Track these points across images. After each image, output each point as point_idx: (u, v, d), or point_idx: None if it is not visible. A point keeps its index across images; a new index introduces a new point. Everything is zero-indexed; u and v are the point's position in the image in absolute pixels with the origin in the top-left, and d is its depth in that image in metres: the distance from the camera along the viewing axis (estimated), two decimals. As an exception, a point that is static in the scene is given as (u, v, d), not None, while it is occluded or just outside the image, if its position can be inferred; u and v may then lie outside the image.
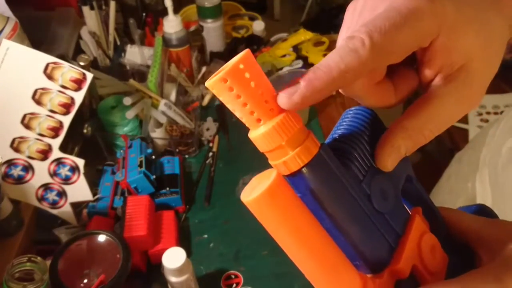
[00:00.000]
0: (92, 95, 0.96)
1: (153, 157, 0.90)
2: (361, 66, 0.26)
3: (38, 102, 0.79)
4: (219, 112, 1.10)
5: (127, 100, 0.94)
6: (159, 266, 0.73)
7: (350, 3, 0.31)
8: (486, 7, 0.30)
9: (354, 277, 0.28)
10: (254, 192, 0.25)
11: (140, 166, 0.85)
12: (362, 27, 0.26)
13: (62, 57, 0.82)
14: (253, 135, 0.27)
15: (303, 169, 0.27)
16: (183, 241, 0.85)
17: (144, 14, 1.21)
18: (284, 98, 0.26)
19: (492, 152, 0.85)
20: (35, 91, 0.79)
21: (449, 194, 1.01)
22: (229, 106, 0.26)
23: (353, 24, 0.30)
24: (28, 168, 0.81)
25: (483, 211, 0.36)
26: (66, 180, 0.83)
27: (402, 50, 0.27)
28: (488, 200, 0.82)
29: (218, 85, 0.25)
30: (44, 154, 0.81)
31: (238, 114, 0.26)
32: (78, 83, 0.80)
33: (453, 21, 0.28)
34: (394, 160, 0.29)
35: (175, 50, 1.08)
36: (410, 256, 0.30)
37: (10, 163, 0.81)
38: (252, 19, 1.31)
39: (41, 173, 0.82)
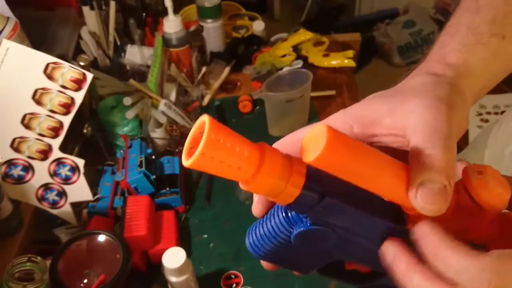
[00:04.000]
0: (92, 95, 0.96)
1: (153, 157, 0.90)
2: None
3: (38, 102, 0.79)
4: (219, 112, 1.10)
5: (127, 100, 0.94)
6: (159, 266, 0.73)
7: None
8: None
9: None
10: (317, 145, 0.27)
11: (140, 166, 0.85)
12: None
13: (62, 57, 0.82)
14: (246, 187, 0.28)
15: (303, 191, 0.29)
16: (183, 241, 0.85)
17: (144, 14, 1.21)
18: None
19: (495, 155, 0.85)
20: (35, 91, 0.79)
21: None
22: (215, 172, 0.27)
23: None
24: (28, 168, 0.81)
25: None
26: (66, 180, 0.83)
27: None
28: None
29: (199, 160, 0.26)
30: (44, 154, 0.82)
31: (226, 175, 0.28)
32: (78, 83, 0.80)
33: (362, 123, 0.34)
34: (435, 197, 0.29)
35: (175, 50, 1.08)
36: None
37: (10, 163, 0.81)
38: (252, 19, 1.31)
39: (41, 173, 0.82)
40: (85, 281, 0.70)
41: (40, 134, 0.81)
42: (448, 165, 0.29)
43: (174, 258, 0.70)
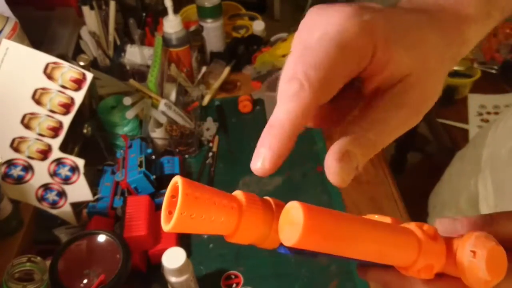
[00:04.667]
0: (92, 95, 0.96)
1: (153, 157, 0.90)
2: (308, 107, 0.26)
3: (38, 102, 0.79)
4: (219, 112, 1.10)
5: (127, 100, 0.94)
6: (159, 266, 0.73)
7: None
8: (421, 25, 0.30)
9: (412, 239, 0.31)
10: (294, 229, 0.26)
11: (140, 166, 0.85)
12: (299, 66, 0.26)
13: (62, 57, 0.82)
14: (233, 238, 0.28)
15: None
16: (183, 241, 0.85)
17: (144, 14, 1.21)
18: (259, 170, 0.27)
19: (493, 153, 0.85)
20: (35, 91, 0.79)
21: (451, 192, 1.02)
22: (200, 230, 0.27)
23: (296, 52, 0.29)
24: (28, 168, 0.81)
25: None
26: (66, 180, 0.83)
27: (342, 79, 0.27)
28: (490, 201, 0.82)
29: (180, 221, 0.25)
30: (44, 154, 0.81)
31: (210, 231, 0.27)
32: (78, 83, 0.80)
33: (385, 37, 0.28)
34: (347, 171, 0.27)
35: (175, 50, 1.08)
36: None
37: (10, 163, 0.81)
38: (252, 19, 1.31)
39: (41, 173, 0.82)
40: (85, 281, 0.70)
41: (40, 134, 0.81)
42: (370, 155, 0.29)
43: (174, 258, 0.70)
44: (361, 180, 0.95)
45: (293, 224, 0.26)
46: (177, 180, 0.26)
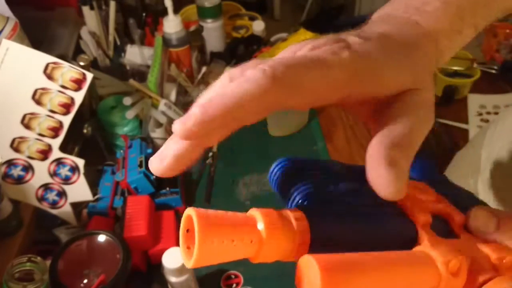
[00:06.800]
0: (92, 95, 0.96)
1: (153, 157, 0.90)
2: (260, 96, 0.24)
3: (38, 102, 0.79)
4: (219, 112, 1.10)
5: (127, 100, 0.94)
6: (159, 266, 0.73)
7: None
8: (412, 34, 0.31)
9: (431, 275, 0.29)
10: (312, 283, 0.25)
11: (140, 166, 0.85)
12: (268, 60, 0.25)
13: (62, 57, 0.82)
14: (258, 259, 0.27)
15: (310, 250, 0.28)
16: (183, 241, 0.85)
17: (144, 14, 1.21)
18: (178, 126, 0.23)
19: (492, 154, 0.85)
20: (35, 91, 0.79)
21: None
22: (223, 257, 0.26)
23: None
24: (28, 168, 0.81)
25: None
26: (66, 180, 0.83)
27: (311, 91, 0.26)
28: (490, 203, 0.82)
29: (202, 249, 0.24)
30: (44, 154, 0.81)
31: (235, 254, 0.26)
32: (78, 83, 0.80)
33: (372, 63, 0.28)
34: (401, 180, 0.25)
35: (175, 50, 1.08)
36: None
37: (10, 163, 0.81)
38: (252, 19, 1.31)
39: (41, 173, 0.82)
40: (85, 281, 0.70)
41: (40, 134, 0.81)
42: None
43: (174, 258, 0.70)
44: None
45: (310, 283, 0.26)
46: (191, 213, 0.25)
